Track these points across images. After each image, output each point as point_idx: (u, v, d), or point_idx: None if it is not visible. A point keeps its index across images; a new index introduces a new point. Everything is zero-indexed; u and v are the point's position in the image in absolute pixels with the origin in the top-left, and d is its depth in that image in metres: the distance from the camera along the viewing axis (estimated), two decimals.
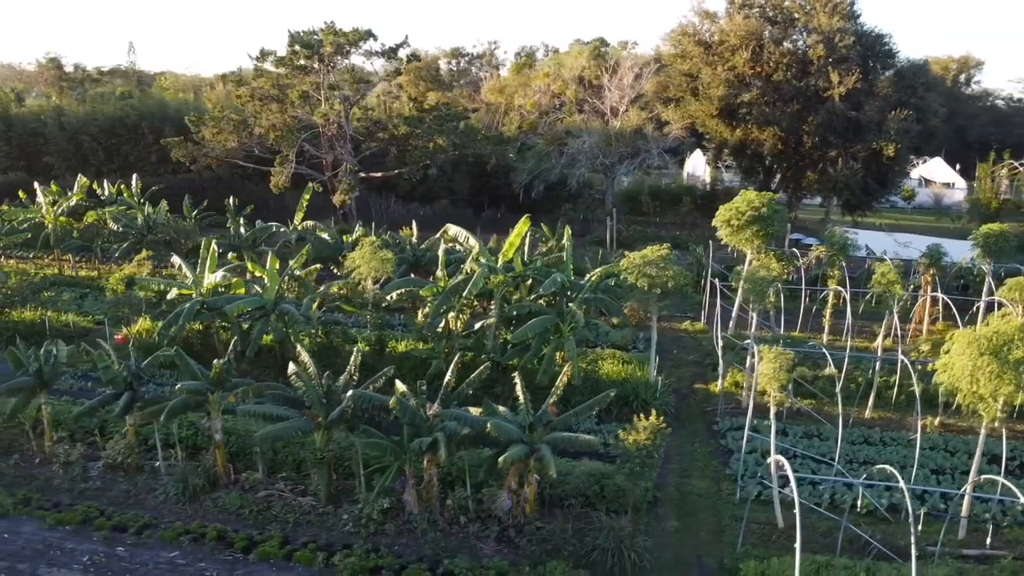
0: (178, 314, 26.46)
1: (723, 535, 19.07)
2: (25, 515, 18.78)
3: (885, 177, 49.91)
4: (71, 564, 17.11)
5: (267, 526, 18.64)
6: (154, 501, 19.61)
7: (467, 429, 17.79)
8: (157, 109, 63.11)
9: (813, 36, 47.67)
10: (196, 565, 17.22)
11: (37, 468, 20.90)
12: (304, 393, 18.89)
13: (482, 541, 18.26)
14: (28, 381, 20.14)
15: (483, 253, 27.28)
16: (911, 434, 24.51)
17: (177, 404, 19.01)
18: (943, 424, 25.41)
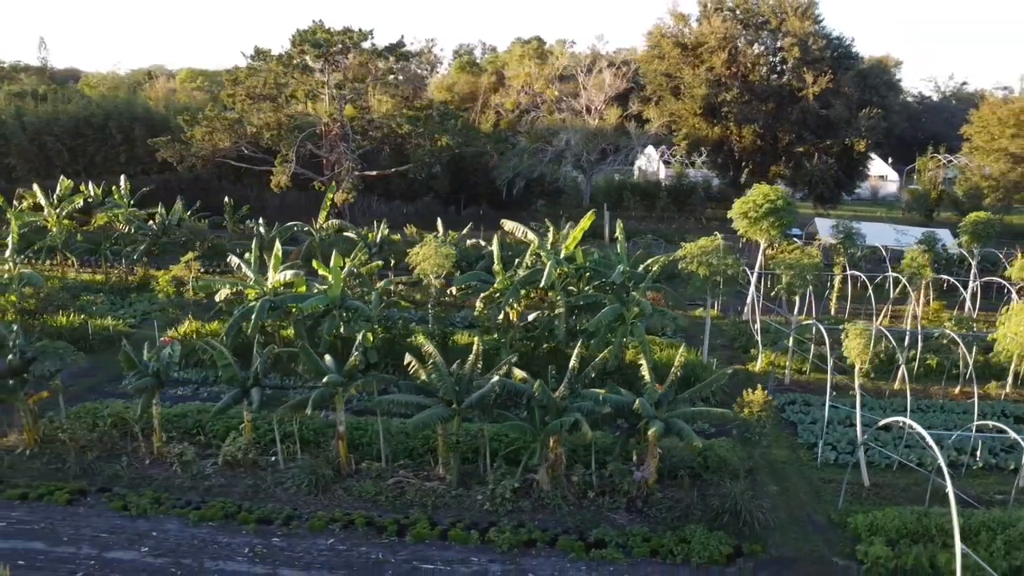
0: (246, 313, 26.63)
1: (819, 495, 21.04)
2: (163, 514, 18.94)
3: (854, 171, 53.70)
4: (234, 556, 17.48)
5: (408, 510, 19.41)
6: (284, 494, 20.02)
7: (608, 408, 19.08)
8: (125, 108, 61.14)
9: (788, 39, 50.85)
10: (358, 549, 17.89)
11: (150, 469, 20.92)
12: (436, 382, 19.73)
13: (613, 512, 19.59)
14: (150, 381, 20.16)
15: (542, 247, 28.49)
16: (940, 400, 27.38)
17: (317, 396, 19.53)
18: (963, 392, 28.37)
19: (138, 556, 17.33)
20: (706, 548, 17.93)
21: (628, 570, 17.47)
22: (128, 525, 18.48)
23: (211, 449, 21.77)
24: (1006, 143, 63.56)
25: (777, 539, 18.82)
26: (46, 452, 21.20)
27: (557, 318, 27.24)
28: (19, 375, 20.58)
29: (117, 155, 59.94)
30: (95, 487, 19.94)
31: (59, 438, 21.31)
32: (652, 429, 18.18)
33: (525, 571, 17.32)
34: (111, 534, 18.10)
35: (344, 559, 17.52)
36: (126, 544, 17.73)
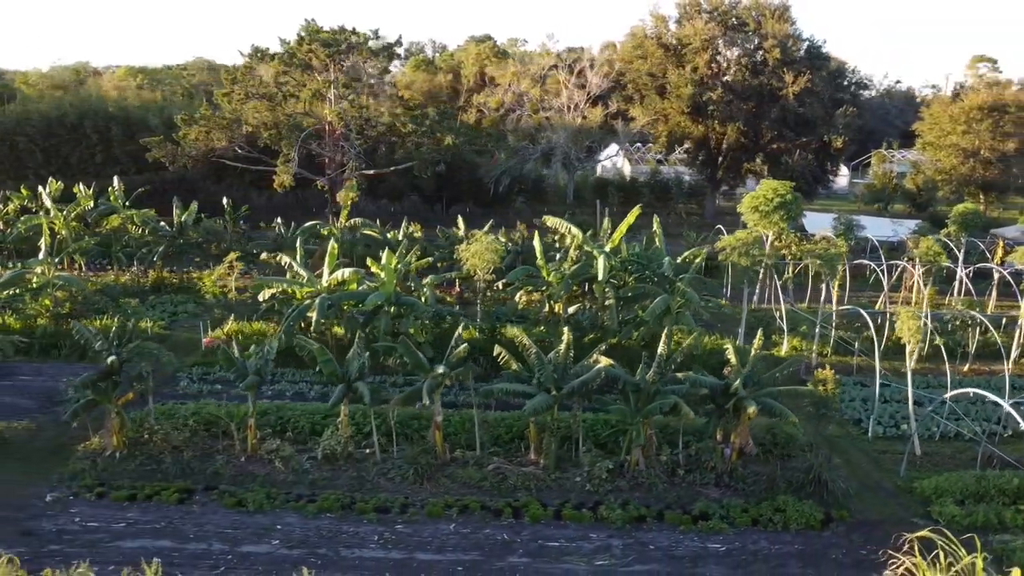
0: (301, 311, 26.92)
1: (879, 465, 22.84)
2: (278, 508, 19.26)
3: (831, 166, 56.67)
4: (365, 544, 18.01)
5: (514, 493, 20.25)
6: (390, 484, 20.57)
7: (705, 390, 20.35)
8: (100, 107, 59.36)
9: (769, 40, 53.28)
10: (481, 532, 18.66)
11: (248, 466, 21.12)
12: (538, 370, 20.64)
13: (704, 488, 20.87)
14: (255, 380, 20.38)
15: (586, 241, 29.63)
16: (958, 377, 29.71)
17: (429, 386, 20.17)
18: (972, 369, 30.85)
19: (271, 549, 17.69)
20: (801, 515, 19.41)
21: (735, 539, 18.79)
22: (248, 520, 18.77)
23: (297, 445, 22.07)
24: (956, 139, 67.85)
25: (857, 505, 20.44)
26: (136, 454, 21.16)
27: (607, 310, 28.42)
28: (112, 377, 20.50)
29: (93, 156, 58.17)
30: (200, 486, 20.09)
31: (145, 439, 21.32)
32: (750, 408, 19.55)
33: (644, 544, 18.43)
34: (235, 529, 18.37)
35: (472, 541, 18.28)
36: (255, 538, 18.05)
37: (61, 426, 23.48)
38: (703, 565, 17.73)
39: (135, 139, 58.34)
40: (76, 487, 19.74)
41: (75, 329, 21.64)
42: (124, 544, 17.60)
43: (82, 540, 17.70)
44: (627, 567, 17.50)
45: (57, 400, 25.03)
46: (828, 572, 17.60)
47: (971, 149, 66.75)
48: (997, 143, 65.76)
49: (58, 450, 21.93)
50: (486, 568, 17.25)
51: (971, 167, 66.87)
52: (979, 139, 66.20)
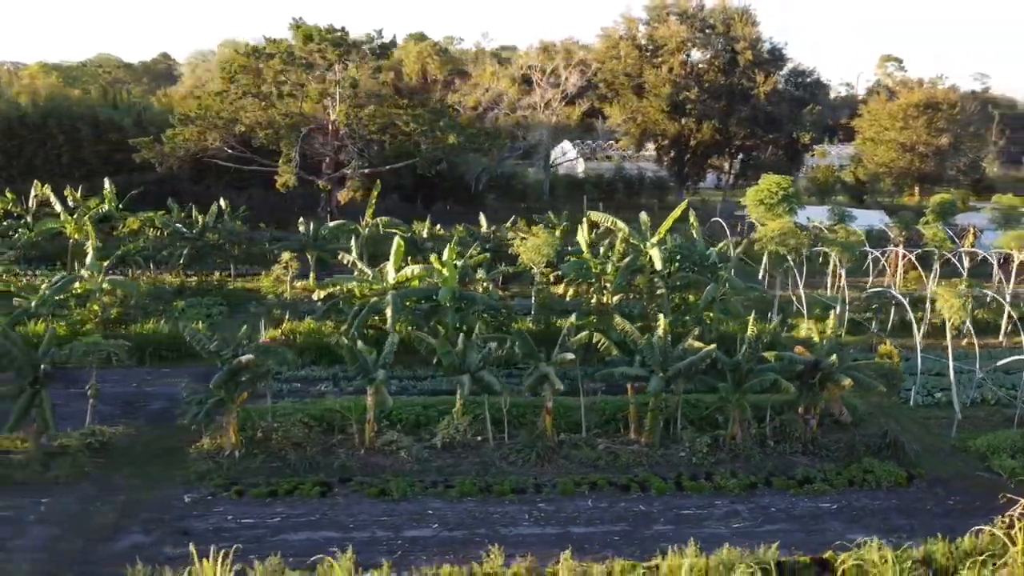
0: (370, 309, 27.48)
1: (928, 429, 25.46)
2: (420, 495, 20.00)
3: (798, 161, 60.48)
4: (518, 522, 19.01)
5: (630, 470, 21.65)
6: (511, 467, 21.60)
7: (800, 367, 22.32)
8: (66, 107, 56.87)
9: (741, 43, 56.41)
10: (618, 505, 19.99)
11: (370, 458, 21.69)
12: (646, 355, 22.12)
13: (793, 456, 22.87)
14: (385, 375, 20.98)
15: (633, 234, 31.28)
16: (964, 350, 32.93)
17: (538, 377, 21.29)
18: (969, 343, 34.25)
19: (433, 532, 18.49)
20: (888, 475, 21.66)
21: (839, 498, 20.84)
22: (396, 508, 19.46)
23: (408, 436, 22.74)
24: (895, 135, 73.38)
25: (926, 464, 22.91)
26: (255, 452, 21.38)
27: (658, 299, 30.15)
28: (235, 377, 20.69)
29: (59, 157, 55.77)
30: (334, 479, 20.55)
31: (260, 437, 21.58)
32: (845, 381, 21.68)
33: (764, 507, 20.23)
34: (389, 517, 19.04)
35: (613, 514, 19.60)
36: (413, 524, 18.77)
37: (158, 429, 23.45)
38: (822, 522, 19.67)
39: (103, 139, 56.43)
40: (210, 487, 19.90)
41: (185, 332, 21.62)
42: (289, 537, 18.03)
43: (244, 536, 17.99)
44: (760, 527, 19.22)
45: (138, 404, 24.82)
46: (927, 521, 19.77)
47: (908, 144, 72.37)
48: (931, 138, 71.57)
49: (165, 453, 21.89)
50: (637, 536, 18.61)
51: (909, 160, 72.49)
52: (916, 134, 71.85)
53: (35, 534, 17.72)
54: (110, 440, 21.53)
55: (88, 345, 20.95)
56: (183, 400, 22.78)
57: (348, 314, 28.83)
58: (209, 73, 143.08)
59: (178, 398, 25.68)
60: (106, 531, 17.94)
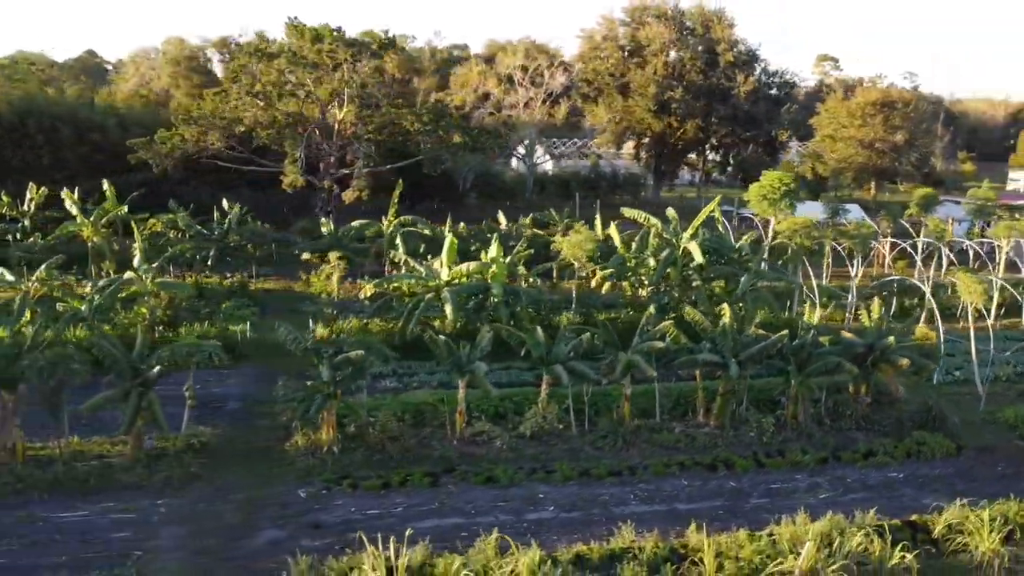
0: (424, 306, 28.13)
1: (957, 404, 27.61)
2: (525, 481, 20.85)
3: (775, 157, 63.23)
4: (626, 502, 20.08)
5: (709, 451, 23.02)
6: (599, 452, 22.67)
7: (860, 349, 24.04)
8: (45, 107, 54.97)
9: (722, 44, 58.71)
10: (710, 483, 21.29)
11: (464, 448, 22.42)
12: (717, 341, 23.50)
13: (849, 432, 24.66)
14: (483, 368, 21.72)
15: (665, 230, 32.69)
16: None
17: (626, 365, 22.41)
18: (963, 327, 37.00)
19: (552, 515, 19.40)
20: (940, 446, 23.62)
21: (903, 468, 22.65)
22: (508, 494, 20.27)
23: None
24: (853, 132, 77.26)
25: (965, 435, 25.00)
26: (351, 446, 21.84)
27: (693, 290, 31.65)
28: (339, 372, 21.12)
29: (39, 158, 53.90)
30: (439, 469, 21.20)
31: (353, 432, 22.07)
32: (903, 360, 23.54)
33: (840, 478, 21.85)
34: (506, 502, 19.85)
35: (708, 491, 20.91)
36: (530, 508, 19.65)
37: (243, 429, 23.59)
38: (896, 489, 21.42)
39: (84, 140, 54.89)
40: (321, 482, 20.29)
41: (281, 332, 21.88)
42: (418, 525, 18.53)
43: (375, 526, 18.45)
44: (843, 497, 20.81)
45: (213, 405, 24.86)
46: (986, 485, 21.71)
47: (867, 141, 76.34)
48: (888, 135, 75.69)
49: (261, 451, 22.10)
50: (738, 510, 19.94)
51: (867, 156, 76.47)
52: (873, 131, 75.85)
53: (168, 534, 17.87)
54: (209, 441, 21.62)
55: (190, 346, 21.01)
56: (278, 399, 23.02)
57: (398, 312, 29.40)
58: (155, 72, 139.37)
59: (249, 397, 25.92)
60: (239, 529, 18.21)
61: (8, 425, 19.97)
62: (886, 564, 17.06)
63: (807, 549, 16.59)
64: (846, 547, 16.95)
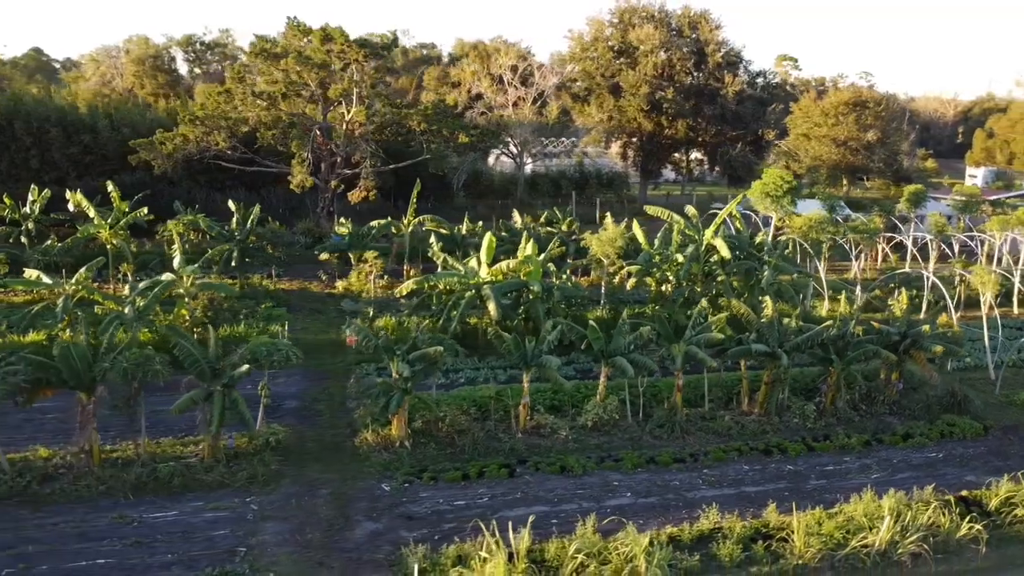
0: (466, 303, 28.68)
1: (974, 387, 29.25)
2: (596, 470, 21.60)
3: (760, 156, 65.08)
4: (696, 486, 20.98)
5: (759, 437, 24.08)
6: (657, 441, 23.56)
7: (896, 337, 25.38)
8: (33, 109, 53.62)
9: (711, 46, 60.25)
10: (769, 466, 22.34)
11: (529, 439, 23.06)
12: (764, 332, 24.58)
13: (883, 416, 26.03)
14: (554, 361, 22.41)
15: (688, 227, 33.76)
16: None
17: (683, 357, 23.34)
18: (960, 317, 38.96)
19: (631, 500, 20.21)
20: (969, 427, 25.15)
21: (940, 448, 24.11)
22: (582, 482, 21.01)
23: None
24: (827, 131, 79.81)
25: (988, 416, 26.60)
26: (423, 440, 22.32)
27: (719, 285, 32.79)
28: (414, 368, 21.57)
29: (27, 161, 52.61)
30: (512, 460, 21.81)
31: (421, 427, 22.55)
32: (937, 347, 24.97)
33: (887, 459, 23.14)
34: (583, 490, 20.58)
35: (769, 474, 21.97)
36: (607, 494, 20.41)
37: (307, 427, 23.81)
38: (940, 468, 22.80)
39: (74, 142, 53.82)
40: (401, 475, 20.73)
41: (348, 329, 22.21)
42: (507, 513, 19.22)
43: (465, 516, 19.10)
44: (893, 476, 22.09)
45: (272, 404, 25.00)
46: (1018, 462, 23.22)
47: (840, 139, 78.94)
48: (860, 134, 78.39)
49: (332, 448, 22.43)
50: (800, 491, 21.02)
51: (841, 155, 79.08)
52: (847, 130, 78.48)
53: (270, 529, 18.16)
54: (282, 440, 21.86)
55: (268, 345, 21.22)
56: (350, 396, 23.33)
57: (436, 310, 29.88)
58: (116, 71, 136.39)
59: (306, 395, 26.15)
60: (336, 522, 18.59)
61: (87, 428, 19.94)
62: (954, 536, 18.35)
63: (885, 524, 17.76)
64: (918, 521, 18.18)
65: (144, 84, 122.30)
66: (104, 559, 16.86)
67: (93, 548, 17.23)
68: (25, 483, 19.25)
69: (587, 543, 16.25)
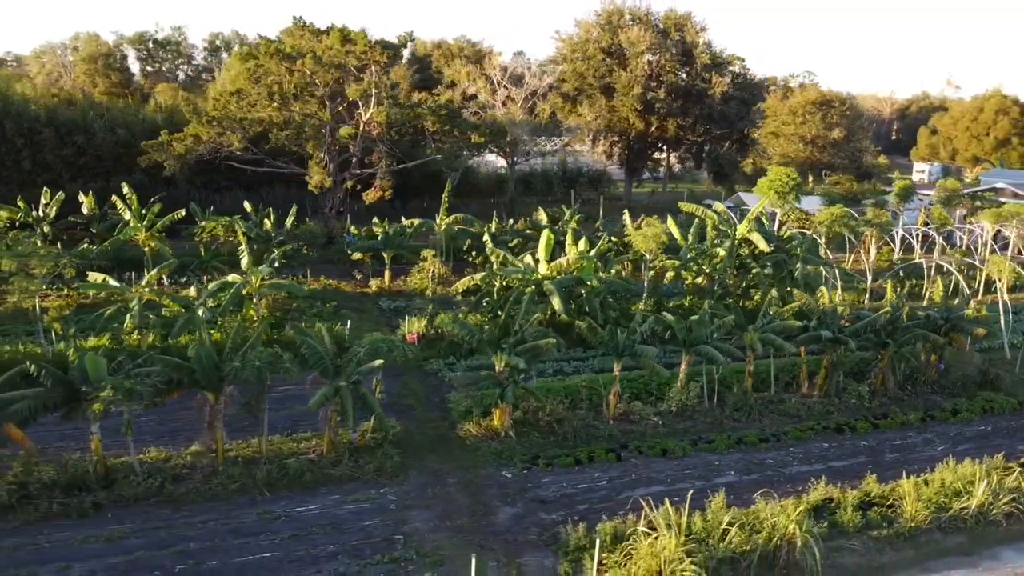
0: (530, 298, 29.66)
1: (993, 365, 31.74)
2: (691, 452, 22.96)
3: (745, 154, 67.64)
4: (789, 463, 22.57)
5: (825, 417, 25.84)
6: (736, 424, 25.08)
7: (941, 321, 27.49)
8: (24, 109, 51.80)
9: (699, 48, 62.41)
10: (844, 443, 24.11)
11: (620, 425, 24.26)
12: (827, 319, 26.37)
13: (928, 396, 28.17)
14: (651, 349, 23.57)
15: (721, 222, 35.45)
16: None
17: (759, 345, 24.91)
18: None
19: (735, 478, 21.59)
20: (1007, 402, 27.51)
21: (985, 422, 26.36)
22: (684, 463, 22.32)
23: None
24: (795, 129, 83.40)
25: (1018, 393, 29.05)
26: (525, 429, 23.27)
27: (754, 277, 34.58)
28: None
29: (18, 162, 50.90)
30: (615, 445, 22.98)
31: (520, 416, 23.50)
32: (979, 330, 27.21)
33: (943, 433, 25.23)
34: (688, 471, 21.89)
35: (848, 449, 23.73)
36: (713, 474, 21.76)
37: (411, 422, 24.36)
38: (992, 439, 24.97)
39: (67, 142, 52.37)
40: (517, 463, 21.64)
41: (457, 326, 22.98)
42: (631, 493, 20.41)
43: (593, 497, 20.20)
44: (955, 447, 24.11)
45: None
46: None
47: (808, 137, 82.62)
48: (826, 132, 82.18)
49: (439, 439, 23.13)
50: (880, 463, 22.80)
51: (809, 152, 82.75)
52: (814, 128, 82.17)
53: (416, 518, 18.87)
54: (399, 432, 22.47)
55: (387, 343, 21.80)
56: (455, 387, 24.07)
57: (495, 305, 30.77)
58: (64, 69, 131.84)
59: (390, 392, 26.67)
60: (476, 508, 19.42)
61: (214, 427, 20.22)
62: None
63: (981, 488, 19.62)
64: (1007, 484, 20.12)
65: (97, 83, 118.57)
66: (268, 552, 17.33)
67: (252, 543, 17.67)
68: (159, 483, 19.44)
69: (737, 514, 17.53)
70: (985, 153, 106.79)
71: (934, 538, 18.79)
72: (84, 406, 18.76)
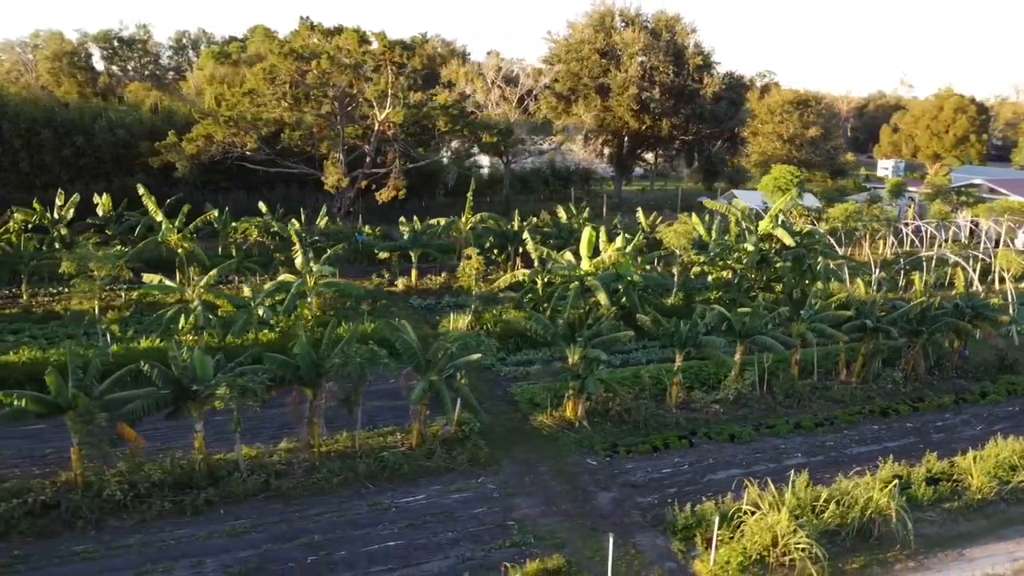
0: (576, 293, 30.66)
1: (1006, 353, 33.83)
2: (755, 438, 24.16)
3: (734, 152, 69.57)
4: (846, 445, 23.94)
5: (867, 402, 27.35)
6: (788, 410, 26.43)
7: (968, 309, 29.25)
8: (21, 110, 50.70)
9: (690, 49, 64.03)
10: (891, 425, 25.62)
11: (682, 413, 25.35)
12: (867, 309, 27.88)
13: (954, 380, 29.94)
14: (720, 341, 24.70)
15: (744, 219, 36.88)
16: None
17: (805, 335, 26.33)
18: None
19: (803, 460, 22.79)
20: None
21: (1013, 404, 28.21)
22: (750, 447, 23.50)
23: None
24: (774, 127, 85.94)
25: None
26: (594, 419, 24.21)
27: (776, 271, 36.09)
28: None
29: (17, 163, 49.89)
30: (685, 432, 24.06)
31: (589, 407, 24.44)
32: (1004, 317, 29.07)
33: (976, 415, 26.95)
34: (758, 454, 23.06)
35: (895, 431, 25.24)
36: (782, 457, 22.97)
37: (486, 415, 25.00)
38: (1021, 419, 26.81)
39: (66, 144, 51.54)
40: (599, 451, 22.56)
41: (531, 321, 23.76)
42: (713, 477, 21.52)
43: (678, 481, 21.24)
44: (992, 427, 25.83)
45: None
46: None
47: (786, 136, 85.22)
48: (803, 131, 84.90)
49: (514, 431, 23.87)
50: (929, 443, 24.30)
51: (787, 150, 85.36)
52: (792, 127, 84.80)
53: (522, 505, 19.65)
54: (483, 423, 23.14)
55: (468, 339, 22.46)
56: (533, 379, 24.85)
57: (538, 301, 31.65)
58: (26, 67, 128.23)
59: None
60: (575, 494, 20.28)
61: (313, 423, 20.68)
62: None
63: None
64: None
65: (62, 82, 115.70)
66: (393, 541, 17.94)
67: (373, 533, 18.25)
68: (263, 480, 19.82)
69: (832, 491, 18.76)
70: (945, 150, 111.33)
71: (1000, 508, 20.32)
72: (194, 405, 19.08)
